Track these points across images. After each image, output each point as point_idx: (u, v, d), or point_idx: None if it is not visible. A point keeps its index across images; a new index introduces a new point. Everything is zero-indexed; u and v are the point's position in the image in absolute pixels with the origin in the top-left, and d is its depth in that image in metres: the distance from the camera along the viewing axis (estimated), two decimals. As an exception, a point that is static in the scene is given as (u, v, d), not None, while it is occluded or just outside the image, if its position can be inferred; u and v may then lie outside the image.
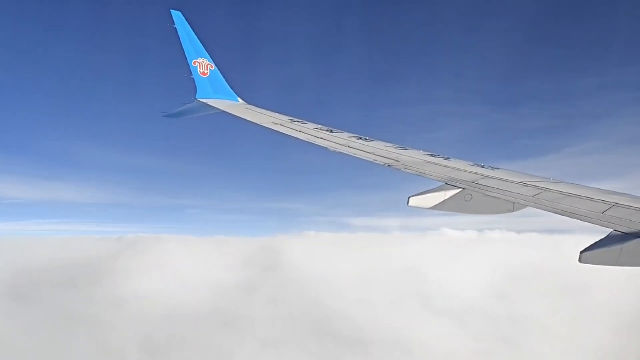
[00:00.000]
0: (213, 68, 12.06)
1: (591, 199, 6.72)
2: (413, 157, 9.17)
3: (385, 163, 8.78)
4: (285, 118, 11.05)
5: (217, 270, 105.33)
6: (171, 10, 11.34)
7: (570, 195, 6.97)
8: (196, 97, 11.77)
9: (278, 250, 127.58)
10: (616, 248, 5.64)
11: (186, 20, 11.55)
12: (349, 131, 10.52)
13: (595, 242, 5.85)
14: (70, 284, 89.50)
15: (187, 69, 11.68)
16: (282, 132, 10.21)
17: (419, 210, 8.01)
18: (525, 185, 7.67)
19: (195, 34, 11.71)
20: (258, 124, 10.70)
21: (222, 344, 66.45)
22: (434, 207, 7.85)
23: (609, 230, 5.92)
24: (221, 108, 11.66)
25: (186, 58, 11.55)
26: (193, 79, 11.66)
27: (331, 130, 10.42)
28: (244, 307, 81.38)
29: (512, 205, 7.63)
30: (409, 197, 7.95)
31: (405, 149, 9.63)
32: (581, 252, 5.74)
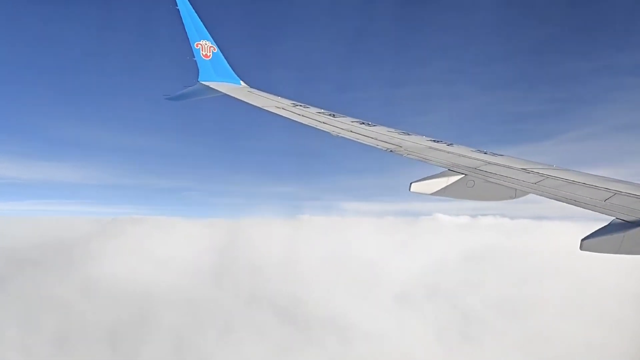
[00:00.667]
0: (216, 50, 11.96)
1: (593, 187, 6.70)
2: (416, 143, 9.14)
3: (387, 148, 8.76)
4: (288, 102, 11.00)
5: (199, 253, 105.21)
6: None
7: (572, 182, 6.95)
8: (198, 79, 11.69)
9: (265, 234, 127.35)
10: (618, 236, 5.63)
11: (189, 1, 11.44)
12: (351, 116, 10.48)
13: (597, 230, 5.85)
14: (48, 264, 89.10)
15: (190, 52, 11.59)
16: (284, 116, 10.17)
17: (415, 196, 8.02)
18: (528, 172, 7.65)
19: (198, 15, 11.60)
20: (260, 108, 10.65)
21: (187, 327, 66.33)
22: (436, 193, 7.85)
23: (610, 218, 5.92)
24: (223, 91, 11.60)
25: (189, 40, 11.46)
26: (195, 61, 11.58)
27: (334, 115, 10.38)
28: (213, 290, 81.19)
29: (514, 192, 7.62)
30: (410, 183, 7.94)
31: (408, 135, 9.60)
32: (582, 240, 5.74)
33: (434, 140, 9.45)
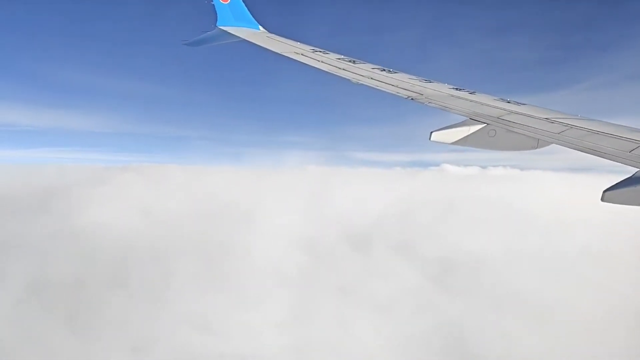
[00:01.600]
0: None
1: (618, 137, 6.59)
2: (437, 91, 9.00)
3: (408, 96, 8.64)
4: (307, 48, 10.81)
5: (188, 200, 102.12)
6: None
7: (596, 132, 6.84)
8: (217, 24, 11.52)
9: (263, 183, 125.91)
10: None
11: None
12: (372, 62, 10.29)
13: (620, 182, 5.79)
14: (35, 210, 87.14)
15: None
16: (303, 62, 10.03)
17: (433, 148, 7.99)
18: (551, 122, 7.53)
19: None
20: (279, 54, 10.51)
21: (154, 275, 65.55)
22: (457, 143, 7.80)
23: (634, 170, 5.85)
24: (242, 36, 11.43)
25: None
26: (214, 5, 11.36)
27: (354, 62, 10.20)
28: (186, 239, 78.79)
29: (536, 142, 7.54)
30: (431, 132, 7.89)
31: (430, 82, 9.43)
32: (604, 191, 5.70)
33: (456, 88, 9.29)
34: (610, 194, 5.69)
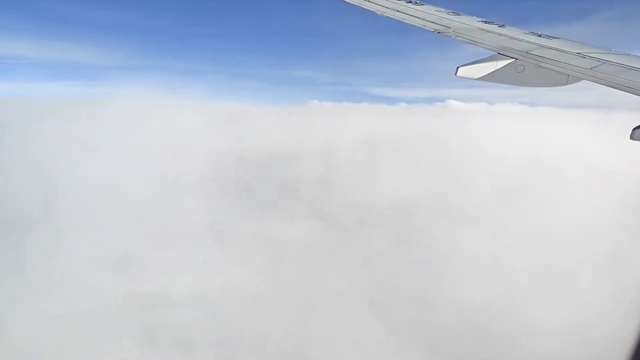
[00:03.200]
0: None
1: None
2: (465, 24, 8.71)
3: (435, 29, 8.40)
4: None
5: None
6: None
7: (631, 68, 6.63)
8: None
9: (248, 121, 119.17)
10: None
11: None
12: None
13: None
14: None
15: None
16: None
17: (451, 83, 7.85)
18: (583, 56, 7.29)
19: None
20: None
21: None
22: (483, 78, 7.65)
23: None
24: None
25: None
26: None
27: None
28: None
29: (566, 78, 7.35)
30: (457, 67, 7.73)
31: (458, 15, 9.12)
32: (634, 129, 5.61)
33: (485, 21, 8.98)
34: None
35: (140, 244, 55.86)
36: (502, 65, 7.56)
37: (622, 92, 6.08)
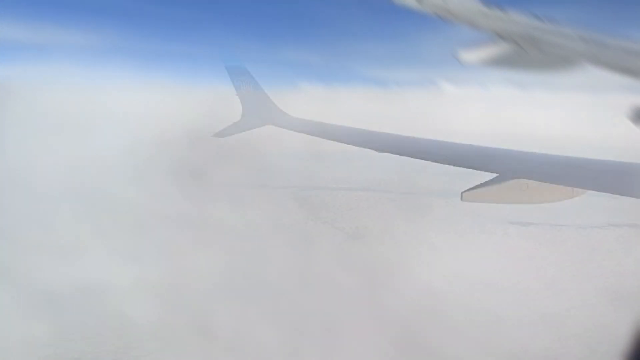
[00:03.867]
0: None
1: None
2: (465, 6, 8.46)
3: (433, 11, 8.17)
4: None
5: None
6: None
7: (634, 52, 6.44)
8: None
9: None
10: None
11: None
12: None
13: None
14: None
15: None
16: None
17: (451, 66, 7.68)
18: (586, 40, 7.10)
19: None
20: None
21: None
22: (483, 62, 7.46)
23: None
24: None
25: None
26: None
27: None
28: None
29: (567, 62, 7.17)
30: (456, 50, 7.54)
31: None
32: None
33: (485, 4, 8.73)
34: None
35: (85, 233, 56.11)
36: (503, 49, 7.38)
37: (625, 75, 5.91)
